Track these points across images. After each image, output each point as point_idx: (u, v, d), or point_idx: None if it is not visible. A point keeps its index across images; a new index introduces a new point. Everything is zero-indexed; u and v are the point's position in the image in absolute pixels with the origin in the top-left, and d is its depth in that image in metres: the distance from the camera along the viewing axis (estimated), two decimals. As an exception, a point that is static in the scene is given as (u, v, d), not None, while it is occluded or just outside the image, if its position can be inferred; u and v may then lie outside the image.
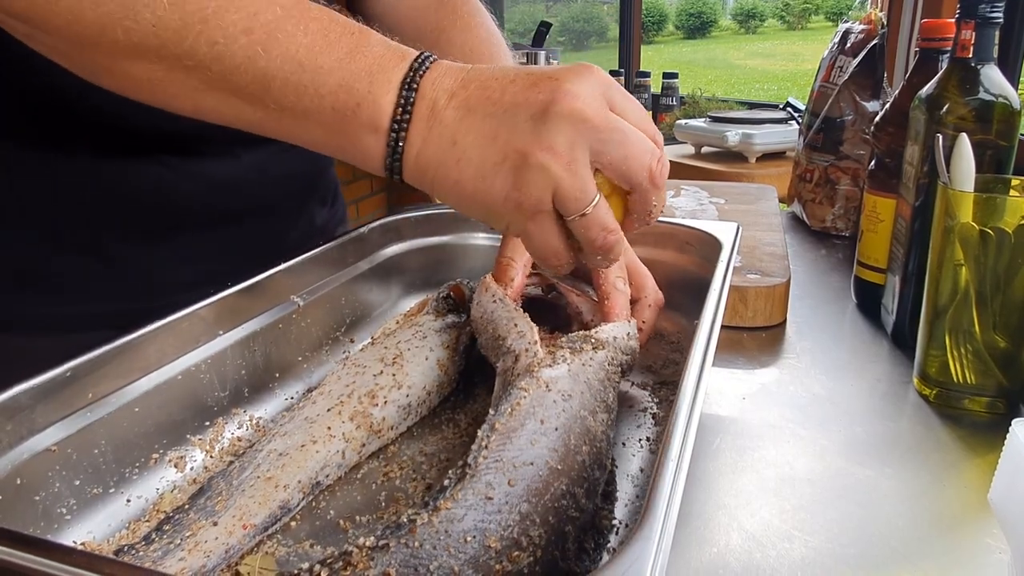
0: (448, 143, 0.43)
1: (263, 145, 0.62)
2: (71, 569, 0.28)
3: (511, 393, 0.45)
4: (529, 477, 0.39)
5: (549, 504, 0.38)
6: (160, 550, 0.40)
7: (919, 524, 0.47)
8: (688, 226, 0.68)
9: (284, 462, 0.47)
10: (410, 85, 0.43)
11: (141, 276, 0.65)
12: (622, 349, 0.52)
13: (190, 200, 0.65)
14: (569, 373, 0.47)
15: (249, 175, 0.68)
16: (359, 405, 0.51)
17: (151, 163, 0.63)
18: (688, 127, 2.01)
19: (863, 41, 1.03)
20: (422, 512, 0.37)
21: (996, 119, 0.62)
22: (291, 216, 0.74)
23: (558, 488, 0.39)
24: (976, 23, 0.62)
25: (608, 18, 4.88)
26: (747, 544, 0.45)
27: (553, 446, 0.41)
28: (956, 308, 0.58)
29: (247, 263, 0.58)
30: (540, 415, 0.43)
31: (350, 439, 0.49)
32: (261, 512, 0.43)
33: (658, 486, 0.33)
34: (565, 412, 0.44)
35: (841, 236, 1.05)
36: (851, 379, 0.65)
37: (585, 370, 0.48)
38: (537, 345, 0.50)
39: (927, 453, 0.55)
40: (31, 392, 0.41)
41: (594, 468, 0.42)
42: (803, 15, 12.92)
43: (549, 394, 0.45)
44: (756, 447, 0.55)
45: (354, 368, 0.55)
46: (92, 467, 0.44)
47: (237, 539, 0.42)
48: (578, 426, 0.43)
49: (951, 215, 0.57)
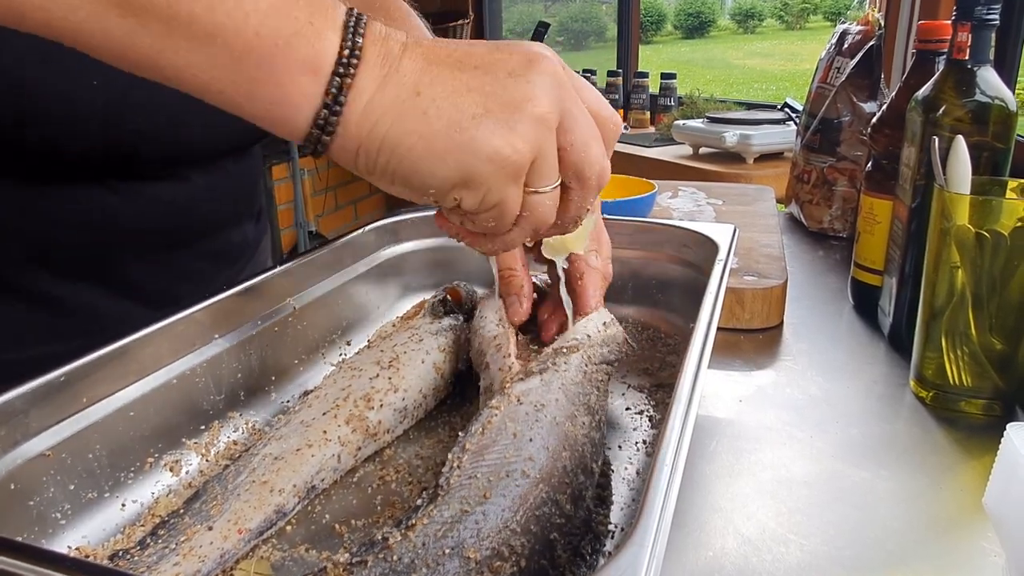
0: (410, 92, 0.35)
1: (213, 167, 0.57)
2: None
3: (482, 413, 0.45)
4: (505, 489, 0.39)
5: (530, 513, 0.38)
6: (155, 555, 0.40)
7: (915, 527, 0.47)
8: (685, 228, 0.68)
9: (279, 466, 0.46)
10: (355, 29, 0.35)
11: (84, 313, 0.60)
12: (601, 342, 0.52)
13: (136, 224, 0.60)
14: (542, 383, 0.47)
15: (196, 195, 0.64)
16: (355, 409, 0.51)
17: (94, 187, 0.57)
18: (686, 128, 2.01)
19: (860, 42, 1.03)
20: (393, 531, 0.37)
21: (992, 121, 0.62)
22: (229, 234, 0.71)
23: (538, 497, 0.39)
24: (972, 25, 0.62)
25: (606, 18, 4.88)
26: (743, 548, 0.45)
27: (529, 456, 0.41)
28: (952, 310, 0.58)
29: (195, 285, 0.56)
30: (512, 429, 0.43)
31: (346, 443, 0.49)
32: (256, 516, 0.43)
33: (652, 490, 0.33)
34: (539, 422, 0.43)
35: (838, 237, 1.05)
36: (848, 381, 0.65)
37: (559, 376, 0.48)
38: (511, 359, 0.50)
39: (923, 455, 0.55)
40: (25, 397, 0.41)
41: (578, 473, 0.42)
42: (801, 15, 12.92)
43: (521, 407, 0.45)
44: (753, 449, 0.55)
45: (350, 371, 0.55)
46: (87, 471, 0.44)
47: (232, 544, 0.42)
48: (555, 433, 0.43)
49: (947, 217, 0.57)
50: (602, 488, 0.46)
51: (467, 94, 0.36)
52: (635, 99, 2.56)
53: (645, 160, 2.09)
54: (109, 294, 0.62)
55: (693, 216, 1.03)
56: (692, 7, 13.39)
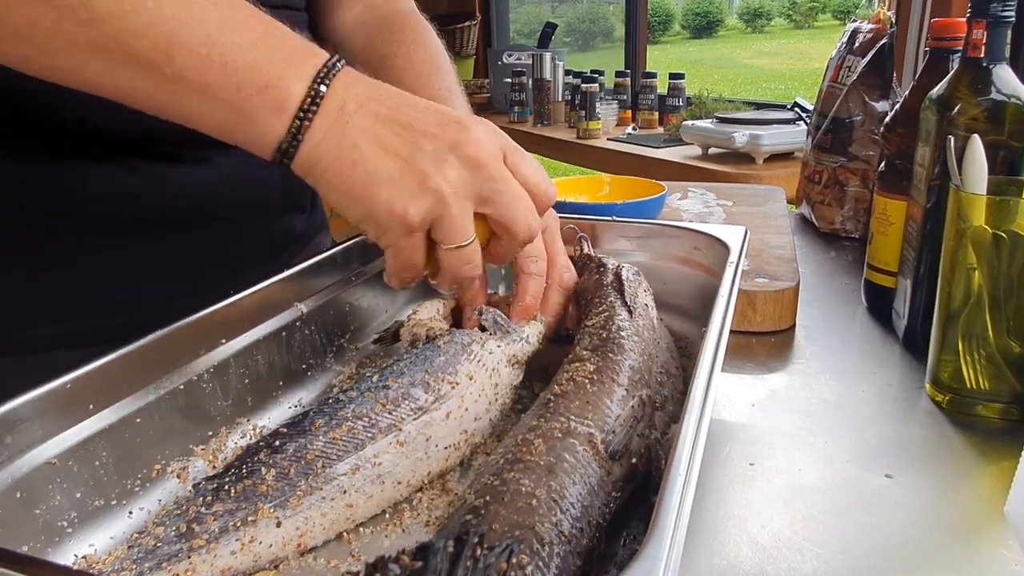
0: (349, 143, 0.45)
1: (237, 150, 0.60)
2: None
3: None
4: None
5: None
6: (217, 525, 0.40)
7: (933, 534, 0.46)
8: (695, 230, 0.67)
9: (373, 492, 0.45)
10: (323, 80, 0.44)
11: (111, 289, 0.62)
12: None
13: (160, 206, 0.63)
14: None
15: (223, 181, 0.66)
16: (436, 464, 0.48)
17: (117, 167, 0.60)
18: (695, 128, 2.00)
19: (871, 41, 1.02)
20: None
21: (1009, 120, 0.61)
22: (268, 224, 0.72)
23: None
24: (988, 22, 0.61)
25: (614, 18, 4.87)
26: (757, 556, 0.44)
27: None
28: (969, 312, 0.57)
29: (226, 274, 0.57)
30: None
31: (423, 489, 0.48)
32: (320, 538, 0.42)
33: (666, 500, 0.32)
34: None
35: (850, 238, 1.04)
36: (862, 384, 0.64)
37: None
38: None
39: (940, 461, 0.54)
40: (32, 404, 0.40)
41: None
42: (810, 13, 12.86)
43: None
44: (766, 455, 0.55)
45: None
46: (93, 479, 0.43)
47: (286, 553, 0.41)
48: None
49: (963, 218, 0.56)
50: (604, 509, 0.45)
51: (392, 158, 0.45)
52: (643, 99, 2.55)
53: (654, 161, 2.08)
54: (137, 273, 0.63)
55: (703, 217, 1.02)
56: (700, 7, 13.35)
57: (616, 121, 2.59)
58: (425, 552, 0.33)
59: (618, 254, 0.69)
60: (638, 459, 0.43)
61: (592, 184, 1.04)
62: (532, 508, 0.36)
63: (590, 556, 0.38)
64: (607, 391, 0.46)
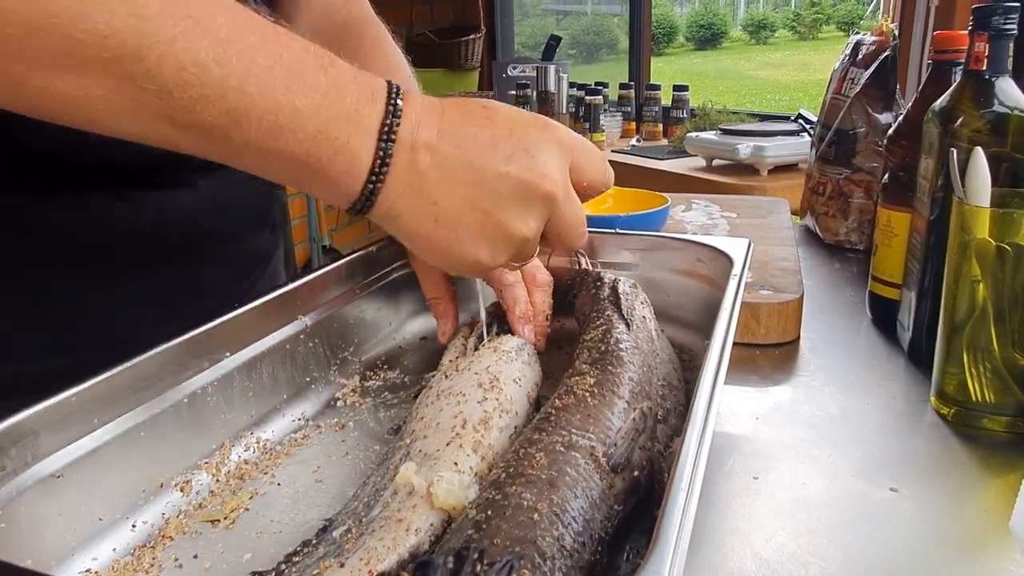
0: (428, 201, 0.45)
1: (221, 173, 0.58)
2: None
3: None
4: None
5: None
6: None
7: (938, 548, 0.46)
8: (699, 242, 0.67)
9: (415, 502, 0.43)
10: (388, 136, 0.43)
11: (97, 322, 0.60)
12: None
13: (147, 232, 0.61)
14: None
15: (205, 202, 0.65)
16: (475, 434, 0.48)
17: (104, 195, 0.59)
18: (699, 140, 2.01)
19: (875, 53, 1.02)
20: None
21: (1011, 132, 0.61)
22: (241, 243, 0.72)
23: None
24: (990, 35, 0.61)
25: (618, 30, 4.88)
26: (761, 571, 0.44)
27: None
28: (974, 325, 0.57)
29: (204, 296, 0.57)
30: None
31: (478, 472, 0.46)
32: (390, 557, 0.40)
33: (669, 514, 0.32)
34: None
35: (855, 249, 1.04)
36: (866, 397, 0.64)
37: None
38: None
39: (945, 474, 0.54)
40: (36, 418, 0.41)
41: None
42: (814, 25, 12.89)
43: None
44: (770, 468, 0.54)
45: (452, 397, 0.51)
46: (97, 492, 0.44)
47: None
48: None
49: (967, 230, 0.56)
50: (605, 521, 0.45)
51: (470, 210, 0.45)
52: (647, 111, 2.56)
53: (658, 173, 2.09)
54: (122, 304, 0.62)
55: (707, 229, 1.02)
56: (703, 19, 13.39)
57: (620, 133, 2.60)
58: (426, 568, 0.33)
59: (621, 266, 0.69)
60: (640, 472, 0.43)
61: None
62: (534, 522, 0.36)
63: (592, 570, 0.37)
64: (608, 404, 0.46)
